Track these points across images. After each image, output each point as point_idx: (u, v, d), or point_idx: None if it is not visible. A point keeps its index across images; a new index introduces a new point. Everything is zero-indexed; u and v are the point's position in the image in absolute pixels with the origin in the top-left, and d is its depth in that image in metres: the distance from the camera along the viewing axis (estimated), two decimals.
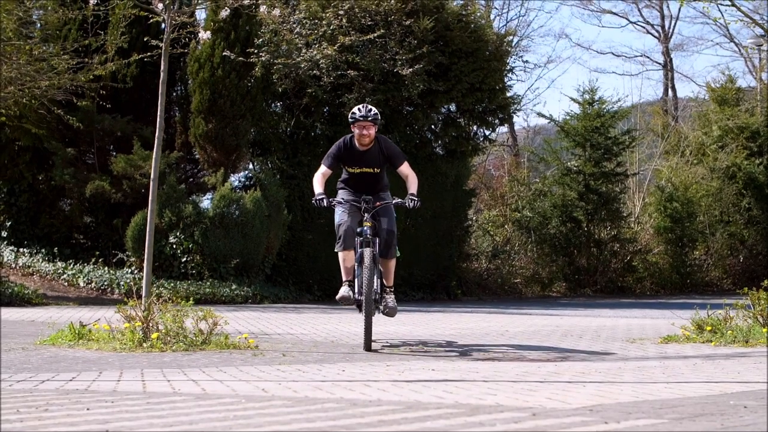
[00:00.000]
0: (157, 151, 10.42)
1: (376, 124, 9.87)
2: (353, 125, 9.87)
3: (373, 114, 9.86)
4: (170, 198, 20.27)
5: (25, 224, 22.40)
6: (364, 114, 9.80)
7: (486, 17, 27.86)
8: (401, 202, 9.76)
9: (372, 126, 9.81)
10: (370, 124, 9.79)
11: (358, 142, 9.83)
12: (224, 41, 20.99)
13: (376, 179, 9.94)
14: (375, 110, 9.94)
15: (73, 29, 20.77)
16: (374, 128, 9.85)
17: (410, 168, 10.06)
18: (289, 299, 20.99)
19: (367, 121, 9.79)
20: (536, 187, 30.54)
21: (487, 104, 23.80)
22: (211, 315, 9.12)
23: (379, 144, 9.96)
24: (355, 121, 9.85)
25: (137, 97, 21.70)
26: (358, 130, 9.83)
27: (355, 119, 9.85)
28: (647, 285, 30.52)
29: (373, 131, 9.84)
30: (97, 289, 20.13)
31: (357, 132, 9.84)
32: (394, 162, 9.99)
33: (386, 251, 9.69)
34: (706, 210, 31.62)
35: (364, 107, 9.89)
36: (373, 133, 9.84)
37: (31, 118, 20.38)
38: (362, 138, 9.77)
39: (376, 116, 9.88)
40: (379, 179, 10.02)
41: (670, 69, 46.61)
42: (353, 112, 9.93)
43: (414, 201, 9.66)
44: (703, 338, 10.01)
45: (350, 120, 9.94)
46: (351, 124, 9.92)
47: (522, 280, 28.87)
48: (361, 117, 9.80)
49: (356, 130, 9.86)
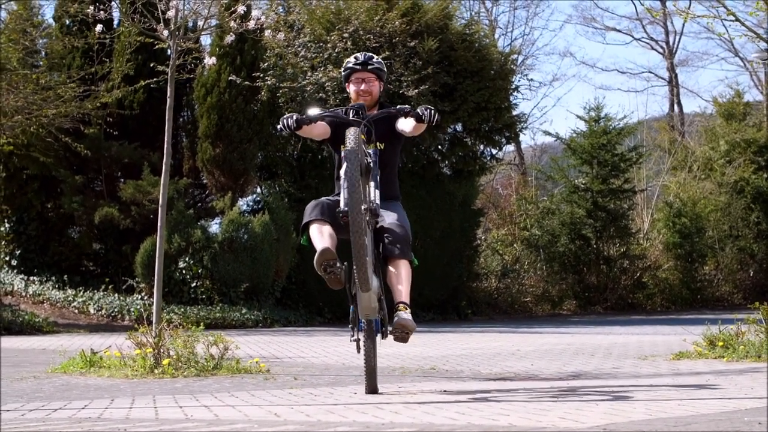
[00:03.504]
0: (165, 177, 10.44)
1: (380, 78, 7.39)
2: (348, 81, 7.43)
3: (377, 62, 7.42)
4: (179, 223, 20.29)
5: (35, 252, 22.44)
6: (362, 60, 7.38)
7: (490, 36, 27.97)
8: (404, 109, 6.97)
9: (374, 79, 7.35)
10: (372, 75, 7.34)
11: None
12: (230, 66, 21.06)
13: (380, 161, 7.05)
14: (378, 58, 7.50)
15: (78, 57, 20.85)
16: (377, 84, 7.36)
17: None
18: (299, 322, 20.97)
19: (367, 71, 7.35)
20: (544, 206, 30.50)
21: (493, 123, 23.81)
22: (221, 340, 9.11)
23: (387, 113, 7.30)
24: (351, 73, 7.39)
25: (144, 123, 21.76)
26: (354, 86, 7.35)
27: (350, 69, 7.40)
28: (658, 301, 30.43)
29: (376, 87, 7.34)
30: (108, 315, 20.14)
31: (354, 89, 7.35)
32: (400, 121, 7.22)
33: (394, 247, 6.95)
34: (715, 225, 31.54)
35: (363, 54, 7.50)
36: (376, 90, 7.34)
37: (38, 147, 20.44)
38: (362, 96, 7.28)
39: (380, 66, 7.43)
40: (386, 163, 7.28)
41: (675, 84, 46.59)
42: (347, 61, 7.50)
43: (430, 109, 6.80)
44: (716, 354, 9.98)
45: (343, 73, 7.48)
46: (346, 81, 7.48)
47: (532, 298, 28.80)
48: (359, 65, 7.36)
49: (353, 86, 7.38)
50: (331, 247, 6.62)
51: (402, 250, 6.93)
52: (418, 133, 7.24)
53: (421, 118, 6.77)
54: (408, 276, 6.95)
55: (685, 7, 30.51)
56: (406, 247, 6.97)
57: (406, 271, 6.95)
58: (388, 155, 7.29)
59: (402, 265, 6.94)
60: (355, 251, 6.28)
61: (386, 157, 7.26)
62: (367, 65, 7.34)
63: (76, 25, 21.03)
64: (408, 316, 6.73)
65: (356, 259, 6.31)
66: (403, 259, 6.95)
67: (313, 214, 7.01)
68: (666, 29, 46.33)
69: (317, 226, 6.92)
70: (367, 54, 7.50)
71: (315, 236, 6.90)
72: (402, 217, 7.15)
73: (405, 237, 7.01)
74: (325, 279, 6.59)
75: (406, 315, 6.73)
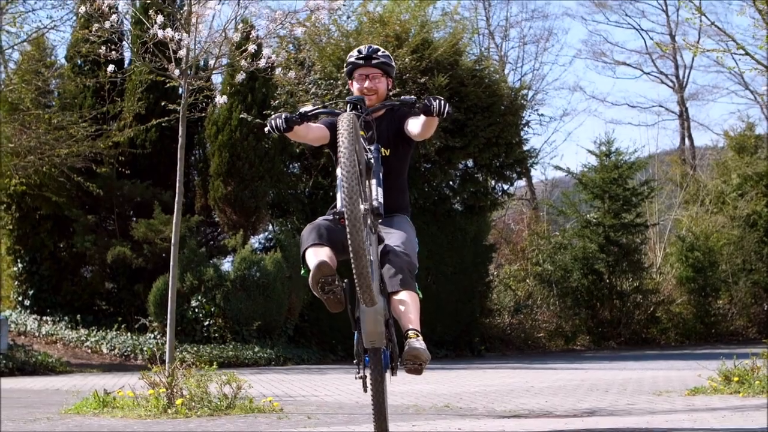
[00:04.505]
0: (177, 216, 10.46)
1: (387, 73, 6.46)
2: (351, 79, 6.52)
3: (382, 55, 6.45)
4: (191, 262, 20.31)
5: (48, 292, 22.46)
6: (366, 54, 6.42)
7: (500, 72, 28.01)
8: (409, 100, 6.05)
9: (380, 75, 6.42)
10: (377, 71, 6.40)
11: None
12: (241, 104, 21.15)
13: (385, 170, 6.03)
14: (384, 51, 6.52)
15: (89, 96, 20.96)
16: (384, 80, 6.45)
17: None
18: (312, 360, 20.92)
19: (372, 65, 6.40)
20: (556, 241, 30.44)
21: (504, 159, 23.83)
22: (234, 379, 9.08)
23: (392, 113, 6.48)
24: (353, 69, 6.47)
25: (156, 161, 21.84)
26: (358, 84, 6.43)
27: (352, 65, 6.47)
28: (672, 336, 30.28)
29: (382, 84, 6.43)
30: (121, 355, 20.12)
31: (357, 87, 6.43)
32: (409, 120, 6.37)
33: (397, 278, 6.00)
34: (728, 259, 31.41)
35: (366, 47, 6.51)
36: (382, 87, 6.43)
37: (51, 187, 20.52)
38: (366, 95, 6.33)
39: (386, 60, 6.45)
40: (392, 172, 6.31)
41: (686, 118, 46.59)
42: (350, 55, 6.55)
43: (440, 100, 5.93)
44: (731, 389, 9.91)
45: (346, 69, 6.57)
46: (348, 79, 6.59)
47: (545, 334, 28.69)
48: (361, 60, 6.42)
49: (356, 84, 6.45)
50: (328, 261, 5.77)
51: (404, 281, 5.98)
52: (430, 132, 6.35)
53: (429, 109, 5.90)
54: (415, 302, 6.01)
55: (695, 42, 30.56)
56: (410, 278, 6.03)
57: (413, 297, 6.02)
58: (394, 161, 6.42)
59: (406, 294, 5.99)
60: (354, 256, 5.25)
61: (393, 163, 6.37)
62: (371, 59, 6.39)
63: (88, 64, 21.18)
64: (420, 344, 5.78)
65: (356, 265, 5.27)
66: (405, 290, 5.99)
67: (310, 240, 6.19)
68: (676, 63, 46.40)
69: (313, 250, 6.08)
70: (371, 46, 6.51)
71: (310, 258, 6.03)
72: (408, 238, 6.23)
73: (408, 265, 6.07)
74: (324, 300, 5.75)
75: (417, 343, 5.78)
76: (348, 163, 5.23)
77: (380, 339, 5.87)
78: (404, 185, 6.62)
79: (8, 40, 18.29)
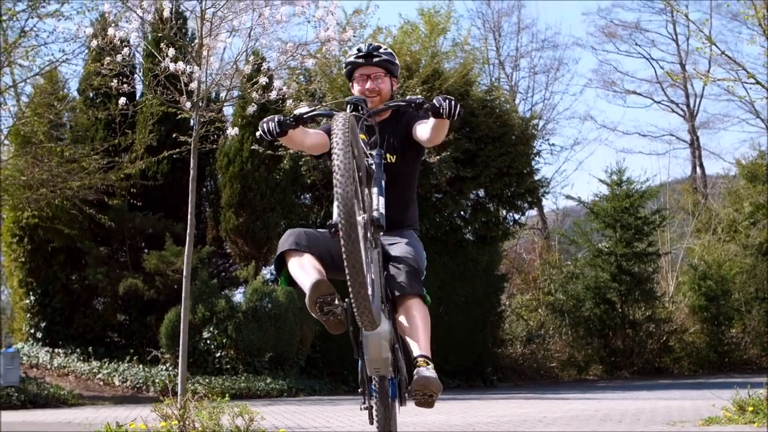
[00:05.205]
0: (188, 247, 10.48)
1: (390, 72, 5.81)
2: (352, 81, 5.86)
3: (384, 53, 5.78)
4: (203, 293, 20.31)
5: (60, 324, 22.46)
6: (366, 52, 5.76)
7: (511, 102, 28.06)
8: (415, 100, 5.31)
9: (383, 74, 5.76)
10: (379, 70, 5.75)
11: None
12: (252, 136, 21.17)
13: (391, 181, 5.39)
14: (387, 49, 5.84)
15: (101, 129, 21.04)
16: (388, 80, 5.78)
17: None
18: (324, 391, 20.87)
19: (373, 64, 5.75)
20: (568, 270, 30.41)
21: (515, 188, 23.85)
22: (247, 411, 9.06)
23: (399, 117, 5.81)
24: (353, 69, 5.82)
25: (168, 193, 21.89)
26: (359, 86, 5.77)
27: (352, 65, 5.81)
28: (685, 365, 30.16)
29: (386, 85, 5.76)
30: (133, 387, 20.09)
31: (358, 89, 5.77)
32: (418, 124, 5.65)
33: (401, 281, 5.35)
34: (741, 287, 31.30)
35: (367, 44, 5.81)
36: (386, 88, 5.76)
37: (63, 219, 20.58)
38: (368, 97, 5.61)
39: (389, 58, 5.78)
40: (399, 182, 5.64)
41: (697, 147, 46.52)
42: (349, 54, 5.91)
43: (449, 100, 5.17)
44: (746, 419, 9.86)
45: (345, 70, 5.92)
46: (348, 81, 5.94)
47: (558, 364, 28.61)
48: (361, 59, 5.75)
49: (356, 86, 5.79)
50: (323, 278, 4.98)
51: (410, 284, 5.32)
52: (441, 137, 5.60)
53: (439, 111, 5.19)
54: (425, 320, 5.31)
55: (705, 70, 30.58)
56: (415, 281, 5.37)
57: (421, 313, 5.31)
58: (401, 169, 5.73)
59: (414, 307, 5.30)
60: (351, 273, 4.48)
61: (399, 172, 5.68)
62: (373, 57, 5.73)
63: (100, 97, 21.28)
64: (430, 372, 5.04)
65: (352, 283, 4.50)
66: (412, 296, 5.31)
67: (286, 244, 5.38)
68: (686, 92, 46.39)
69: (296, 260, 5.29)
70: (372, 44, 5.83)
71: (297, 272, 5.27)
72: (415, 248, 5.58)
73: (415, 269, 5.43)
74: (323, 322, 4.96)
75: (428, 372, 5.05)
76: (343, 166, 4.54)
77: (385, 366, 5.21)
78: (412, 197, 5.92)
79: (21, 73, 18.40)
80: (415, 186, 5.91)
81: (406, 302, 5.29)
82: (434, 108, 5.17)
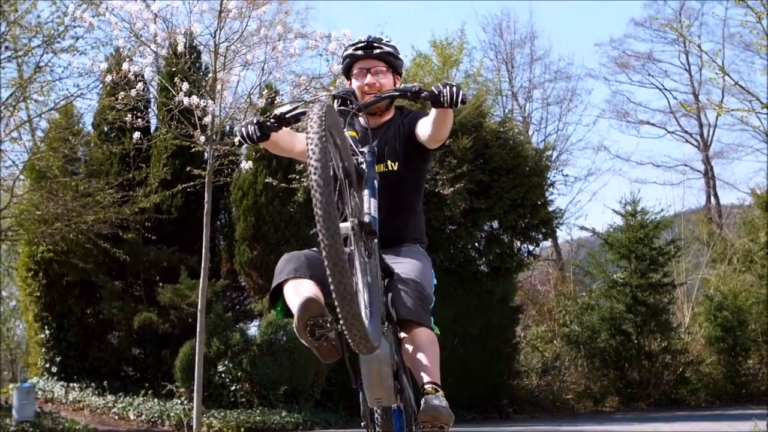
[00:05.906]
0: (203, 281, 10.49)
1: (392, 67, 5.30)
2: (350, 76, 5.34)
3: (386, 45, 5.29)
4: (218, 326, 20.28)
5: (74, 359, 22.44)
6: (366, 44, 5.26)
7: (524, 133, 28.11)
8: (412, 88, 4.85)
9: (384, 68, 5.25)
10: (381, 64, 5.24)
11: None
12: (266, 169, 21.23)
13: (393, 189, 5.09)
14: (390, 41, 5.34)
15: (116, 163, 21.10)
16: (390, 75, 5.27)
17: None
18: (340, 424, 20.80)
19: (373, 57, 5.24)
20: (583, 301, 30.33)
21: (529, 220, 23.85)
22: None
23: (401, 119, 5.31)
24: (352, 63, 5.30)
25: (182, 227, 21.90)
26: (358, 81, 5.25)
27: (351, 58, 5.30)
28: (702, 396, 29.98)
29: (387, 80, 5.25)
30: (148, 421, 20.04)
31: (357, 85, 5.23)
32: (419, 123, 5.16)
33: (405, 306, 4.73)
34: (757, 318, 31.13)
35: (368, 36, 5.32)
36: (388, 84, 5.23)
37: (78, 253, 20.60)
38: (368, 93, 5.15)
39: (391, 50, 5.28)
40: (401, 188, 5.20)
41: (711, 177, 46.45)
42: (346, 47, 5.41)
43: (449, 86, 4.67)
44: None
45: (343, 64, 5.39)
46: (346, 78, 5.41)
47: (574, 395, 28.49)
48: (360, 50, 5.25)
49: (355, 81, 5.27)
50: (315, 297, 4.33)
51: (417, 312, 4.72)
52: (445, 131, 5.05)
53: (439, 98, 4.64)
54: (433, 346, 4.75)
55: (719, 101, 30.58)
56: (422, 309, 4.77)
57: (429, 339, 4.75)
58: (405, 176, 5.21)
59: (420, 334, 4.73)
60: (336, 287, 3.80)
61: (403, 179, 5.19)
62: (373, 49, 5.20)
63: (114, 131, 21.33)
64: (440, 401, 4.49)
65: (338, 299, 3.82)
66: (416, 322, 4.74)
67: (284, 272, 4.80)
68: (700, 122, 46.36)
69: (292, 285, 4.73)
70: (372, 36, 5.31)
71: (290, 296, 4.69)
72: (422, 270, 4.96)
73: (423, 295, 4.81)
74: (314, 348, 4.31)
75: (437, 400, 4.49)
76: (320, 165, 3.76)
77: (388, 396, 4.64)
78: (417, 208, 5.35)
79: (36, 108, 18.49)
80: (421, 195, 5.40)
81: (412, 330, 4.75)
82: (433, 96, 4.67)
